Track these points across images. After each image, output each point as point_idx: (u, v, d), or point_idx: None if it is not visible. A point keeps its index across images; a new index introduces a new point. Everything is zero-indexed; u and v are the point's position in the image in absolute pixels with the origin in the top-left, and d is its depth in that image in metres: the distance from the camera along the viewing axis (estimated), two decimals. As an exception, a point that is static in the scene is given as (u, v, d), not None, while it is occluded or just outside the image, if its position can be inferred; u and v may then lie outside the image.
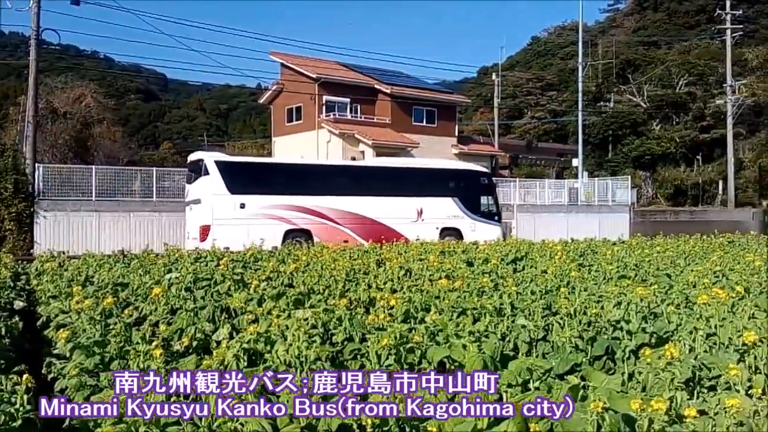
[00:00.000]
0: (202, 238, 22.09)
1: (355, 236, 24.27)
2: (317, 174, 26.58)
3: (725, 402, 3.08)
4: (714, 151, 55.70)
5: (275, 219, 23.74)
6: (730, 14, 48.20)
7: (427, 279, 8.91)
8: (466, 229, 27.24)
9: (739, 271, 9.66)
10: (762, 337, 4.51)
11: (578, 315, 6.08)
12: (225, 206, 22.82)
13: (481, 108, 65.86)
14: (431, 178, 28.02)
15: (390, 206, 25.81)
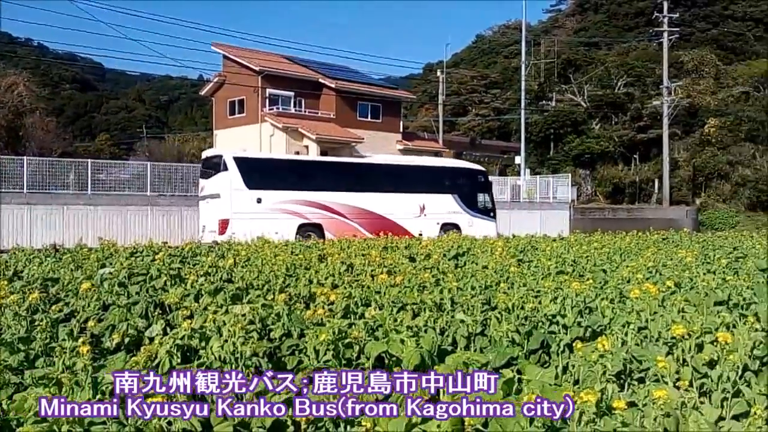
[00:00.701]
0: (221, 231, 22.81)
1: (363, 230, 25.08)
2: (328, 170, 27.75)
3: (653, 394, 3.14)
4: (651, 151, 57.23)
5: (289, 213, 24.69)
6: (667, 17, 49.63)
7: (369, 274, 8.88)
8: (464, 224, 28.63)
9: (671, 267, 9.95)
10: (690, 331, 4.64)
11: (516, 310, 6.14)
12: (243, 201, 23.73)
13: (426, 104, 66.22)
14: (433, 176, 29.55)
15: (395, 202, 27.10)
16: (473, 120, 65.22)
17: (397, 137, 42.98)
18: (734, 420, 3.45)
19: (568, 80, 63.15)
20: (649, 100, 56.67)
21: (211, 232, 23.34)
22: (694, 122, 57.97)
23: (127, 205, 27.26)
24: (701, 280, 7.87)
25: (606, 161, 57.92)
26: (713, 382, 3.82)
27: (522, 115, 46.53)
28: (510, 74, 64.15)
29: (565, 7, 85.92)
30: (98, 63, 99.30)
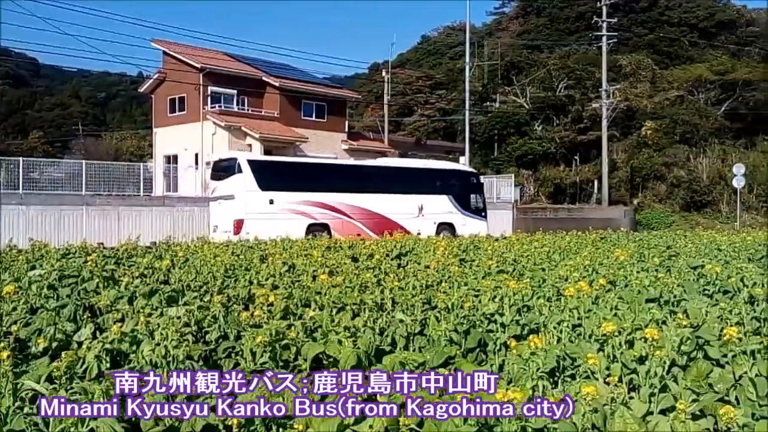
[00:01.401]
0: (236, 231, 23.78)
1: (366, 230, 26.39)
2: (335, 172, 29.18)
3: (582, 390, 3.19)
4: (591, 152, 58.44)
5: (299, 214, 25.86)
6: (605, 22, 50.83)
7: (310, 275, 8.82)
8: (458, 224, 30.24)
9: (607, 266, 10.15)
10: (621, 328, 4.74)
11: (456, 309, 6.18)
12: (256, 202, 24.83)
13: (372, 104, 66.28)
14: (430, 178, 31.13)
15: (396, 203, 28.49)
16: (419, 120, 65.55)
17: (342, 137, 42.89)
18: (661, 414, 3.52)
19: (511, 82, 64.05)
20: (589, 102, 57.83)
21: (225, 232, 23.94)
22: (632, 124, 59.48)
23: (61, 205, 26.42)
24: (635, 278, 8.07)
25: (548, 162, 59.00)
26: (642, 377, 3.91)
27: (466, 116, 47.01)
28: (455, 75, 64.70)
29: (509, 10, 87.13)
30: (32, 58, 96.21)
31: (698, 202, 54.09)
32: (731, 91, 61.49)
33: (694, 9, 74.13)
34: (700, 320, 5.31)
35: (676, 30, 71.33)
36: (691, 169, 55.48)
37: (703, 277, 8.29)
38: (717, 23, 73.77)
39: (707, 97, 61.81)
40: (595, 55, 58.19)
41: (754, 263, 10.66)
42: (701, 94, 61.98)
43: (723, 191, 53.31)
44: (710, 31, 72.47)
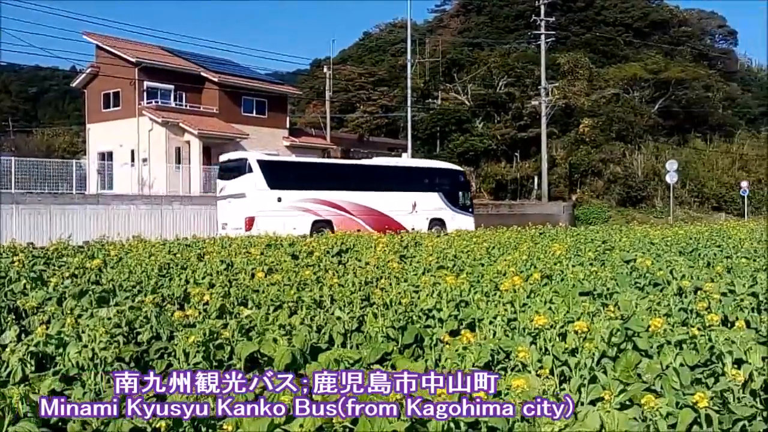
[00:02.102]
0: (248, 227, 25.07)
1: (366, 226, 27.66)
2: (337, 171, 31.17)
3: (512, 382, 3.22)
4: (531, 149, 59.36)
5: (305, 211, 27.32)
6: (544, 21, 51.75)
7: (249, 273, 8.70)
8: (448, 220, 31.84)
9: (544, 260, 10.32)
10: (554, 321, 4.82)
11: (394, 305, 6.19)
12: (266, 200, 26.18)
13: (314, 101, 65.92)
14: (422, 176, 32.81)
15: (392, 200, 30.08)
16: (361, 117, 65.49)
17: (283, 133, 42.49)
18: (590, 405, 3.58)
19: (452, 79, 64.56)
20: (528, 100, 58.72)
21: (236, 229, 24.92)
22: (570, 122, 60.66)
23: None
24: (570, 272, 8.22)
25: (489, 158, 59.70)
26: (572, 369, 3.97)
27: (408, 113, 47.23)
28: (397, 72, 64.86)
29: (450, 8, 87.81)
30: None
31: (634, 198, 55.64)
32: (664, 89, 63.42)
33: (629, 9, 76.15)
34: (631, 312, 5.44)
35: (612, 29, 73.14)
36: (626, 165, 57.00)
37: (636, 270, 8.50)
38: (651, 23, 75.96)
39: (642, 96, 63.59)
40: (534, 54, 59.12)
41: (684, 256, 11.00)
42: (636, 92, 63.72)
43: (657, 187, 54.97)
44: (644, 31, 74.55)
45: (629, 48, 71.92)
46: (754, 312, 5.63)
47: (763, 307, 5.91)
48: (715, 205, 57.16)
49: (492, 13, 78.39)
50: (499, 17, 77.33)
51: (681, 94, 63.72)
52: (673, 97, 63.48)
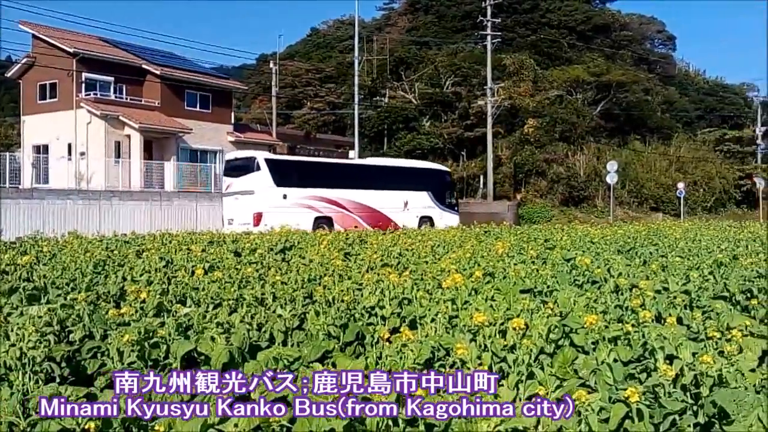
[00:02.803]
0: (256, 223, 26.27)
1: (362, 222, 29.17)
2: (337, 170, 32.59)
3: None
4: (477, 148, 59.87)
5: (307, 208, 28.80)
6: (490, 22, 52.35)
7: (189, 270, 8.53)
8: (436, 217, 33.57)
9: (487, 258, 10.43)
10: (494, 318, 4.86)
11: (336, 303, 6.15)
12: (273, 197, 27.60)
13: (260, 96, 65.22)
14: (413, 176, 34.64)
15: (386, 198, 31.81)
16: (308, 113, 65.15)
17: (228, 128, 41.87)
18: (528, 401, 3.62)
19: (400, 77, 64.67)
20: (475, 99, 59.23)
21: (243, 224, 25.98)
22: (516, 122, 61.44)
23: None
24: (512, 270, 8.32)
25: (436, 157, 59.96)
26: (510, 365, 4.01)
27: (356, 110, 47.19)
28: (345, 69, 64.69)
29: (398, 6, 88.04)
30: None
31: (576, 197, 56.78)
32: (606, 92, 64.84)
33: (573, 13, 77.62)
34: (569, 309, 5.52)
35: (556, 32, 74.40)
36: (569, 165, 58.08)
37: (576, 268, 8.65)
38: (593, 27, 77.58)
39: (584, 98, 64.87)
40: (480, 54, 59.71)
41: (622, 255, 11.27)
42: (579, 94, 64.94)
43: (598, 187, 56.20)
44: (587, 35, 76.07)
45: (573, 51, 73.22)
46: (687, 309, 5.79)
47: (695, 304, 6.09)
48: (653, 205, 58.82)
49: (439, 12, 78.90)
50: (447, 17, 77.89)
51: (622, 97, 65.25)
52: (614, 99, 64.96)
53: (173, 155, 37.69)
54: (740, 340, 4.11)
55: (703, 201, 61.79)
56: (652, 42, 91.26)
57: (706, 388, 3.48)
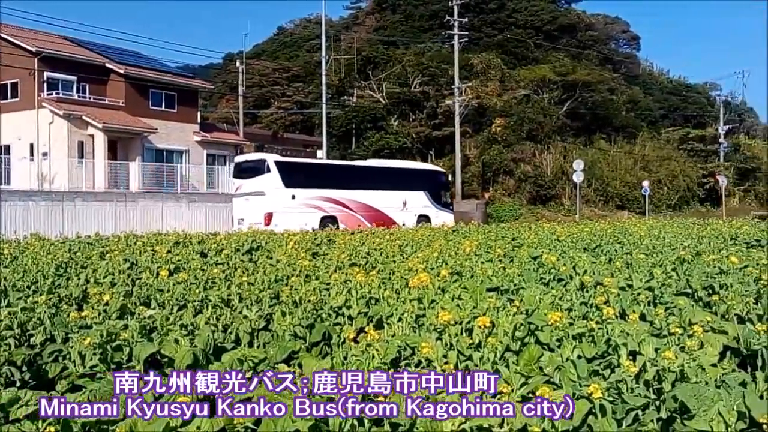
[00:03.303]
0: (267, 222, 27.55)
1: (365, 221, 30.54)
2: (341, 172, 34.32)
3: (416, 380, 3.22)
4: (445, 147, 60.14)
5: (314, 208, 30.26)
6: (457, 21, 52.61)
7: (153, 271, 8.42)
8: (433, 216, 35.01)
9: (455, 257, 10.47)
10: (461, 316, 4.87)
11: (303, 303, 6.13)
12: (282, 197, 29.08)
13: (227, 96, 64.69)
14: (411, 177, 36.36)
15: (387, 198, 33.36)
16: (276, 113, 64.76)
17: (194, 128, 41.38)
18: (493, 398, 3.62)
19: (367, 77, 64.60)
20: (443, 99, 59.43)
21: (254, 223, 26.57)
22: (483, 121, 61.80)
23: None
24: (479, 268, 8.36)
25: (404, 156, 60.06)
26: (476, 363, 4.02)
27: (323, 110, 47.07)
28: (312, 68, 64.42)
29: (365, 5, 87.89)
30: None
31: (543, 196, 57.36)
32: (572, 91, 65.59)
33: (539, 12, 78.29)
34: (535, 307, 5.56)
35: (523, 32, 75.00)
36: (536, 164, 58.66)
37: (542, 266, 8.72)
38: (559, 27, 78.37)
39: (551, 97, 65.53)
40: (448, 53, 59.98)
41: (588, 253, 11.39)
42: (545, 93, 65.58)
43: (565, 185, 56.90)
44: (553, 34, 76.82)
45: (539, 50, 73.88)
46: (650, 305, 5.87)
47: (658, 301, 6.17)
48: (618, 203, 59.70)
49: (407, 12, 79.00)
50: (414, 16, 78.01)
51: (587, 97, 66.04)
52: (580, 99, 65.73)
53: (138, 155, 37.15)
54: (701, 335, 4.18)
55: (668, 199, 62.93)
56: (617, 42, 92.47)
57: (668, 384, 3.52)
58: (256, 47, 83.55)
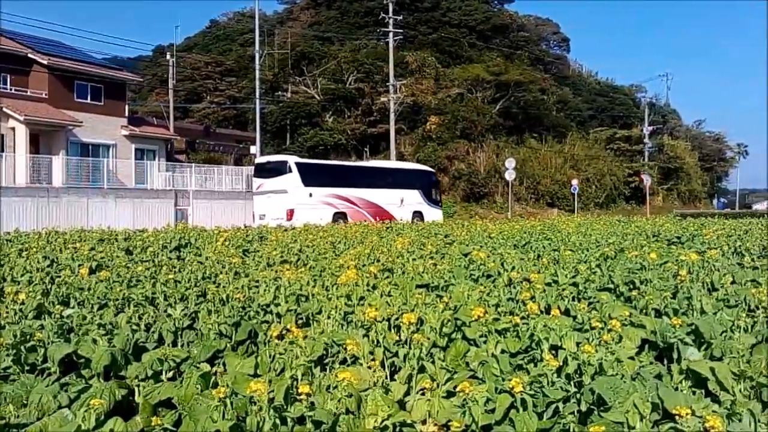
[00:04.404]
0: (289, 217, 30.62)
1: (369, 217, 33.50)
2: (350, 172, 37.23)
3: (338, 376, 3.19)
4: (380, 144, 60.26)
5: (328, 204, 33.14)
6: (392, 19, 52.75)
7: (75, 269, 8.13)
8: (425, 212, 38.26)
9: (387, 254, 10.49)
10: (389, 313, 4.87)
11: (231, 301, 6.02)
12: (302, 195, 31.96)
13: (157, 89, 63.12)
14: (407, 176, 39.51)
15: (387, 196, 36.53)
16: (208, 107, 63.57)
17: (122, 122, 40.15)
18: (420, 394, 3.64)
19: (302, 72, 64.13)
20: (378, 96, 59.57)
21: (276, 219, 29.86)
22: (418, 119, 62.22)
23: None
24: (410, 265, 8.38)
25: (340, 153, 59.99)
26: (402, 360, 4.02)
27: (257, 105, 46.44)
28: (246, 63, 63.46)
29: (300, 1, 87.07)
30: None
31: (477, 194, 58.17)
32: (505, 91, 66.69)
33: (473, 12, 79.21)
34: (463, 303, 5.60)
35: (457, 31, 75.72)
36: (470, 162, 59.43)
37: (472, 263, 8.81)
38: (492, 27, 79.47)
39: (484, 96, 66.44)
40: (383, 51, 60.03)
41: (517, 249, 11.58)
42: (479, 92, 66.46)
43: (498, 183, 57.83)
44: (487, 34, 77.86)
45: (473, 50, 74.72)
46: (574, 301, 6.00)
47: (582, 296, 6.32)
48: (549, 201, 61.07)
49: (342, 8, 78.69)
50: (350, 13, 77.78)
51: (519, 96, 67.23)
52: (513, 98, 66.87)
53: (62, 149, 35.81)
54: (619, 329, 4.28)
55: (596, 197, 64.77)
56: (548, 43, 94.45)
57: (588, 377, 3.60)
58: (187, 40, 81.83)
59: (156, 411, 3.51)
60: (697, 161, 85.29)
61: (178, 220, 33.65)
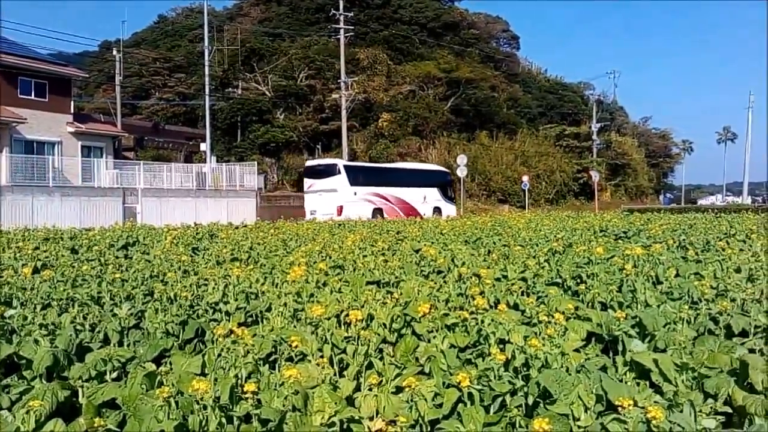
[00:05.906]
0: (339, 213, 35.11)
1: (400, 213, 38.83)
2: (385, 173, 42.08)
3: (285, 373, 3.17)
4: (333, 141, 60.19)
5: (368, 201, 38.25)
6: (343, 15, 52.62)
7: (18, 269, 7.89)
8: (443, 207, 43.45)
9: (338, 251, 10.47)
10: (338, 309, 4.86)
11: (179, 299, 5.92)
12: (348, 193, 37.06)
13: (104, 85, 61.70)
14: (429, 176, 44.97)
15: (414, 194, 41.86)
16: (157, 104, 62.47)
17: (67, 118, 39.08)
18: (369, 390, 3.64)
19: (253, 69, 63.51)
20: (330, 93, 59.40)
21: (326, 214, 33.72)
22: (370, 116, 62.29)
23: None
24: (362, 261, 8.38)
25: (291, 150, 59.68)
26: (351, 356, 4.01)
27: (206, 102, 45.81)
28: (195, 59, 62.43)
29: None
30: None
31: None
32: (456, 88, 67.22)
33: (423, 9, 79.57)
34: (413, 299, 5.62)
35: (408, 28, 75.97)
36: (422, 159, 59.73)
37: (423, 259, 8.85)
38: (443, 24, 79.98)
39: (436, 93, 66.86)
40: (334, 47, 59.86)
41: (468, 245, 11.68)
42: (430, 89, 66.85)
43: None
44: (438, 31, 78.31)
45: (424, 47, 75.09)
46: (523, 295, 6.08)
47: (530, 291, 6.41)
48: (500, 197, 61.82)
49: (293, 4, 78.11)
50: (300, 9, 77.27)
51: (470, 93, 67.85)
52: (464, 95, 67.44)
53: (6, 146, 34.73)
54: (564, 322, 4.35)
55: (546, 193, 65.82)
56: (498, 41, 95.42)
57: (536, 370, 3.65)
58: (135, 35, 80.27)
59: (100, 412, 3.44)
60: (643, 157, 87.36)
61: (126, 218, 32.92)
